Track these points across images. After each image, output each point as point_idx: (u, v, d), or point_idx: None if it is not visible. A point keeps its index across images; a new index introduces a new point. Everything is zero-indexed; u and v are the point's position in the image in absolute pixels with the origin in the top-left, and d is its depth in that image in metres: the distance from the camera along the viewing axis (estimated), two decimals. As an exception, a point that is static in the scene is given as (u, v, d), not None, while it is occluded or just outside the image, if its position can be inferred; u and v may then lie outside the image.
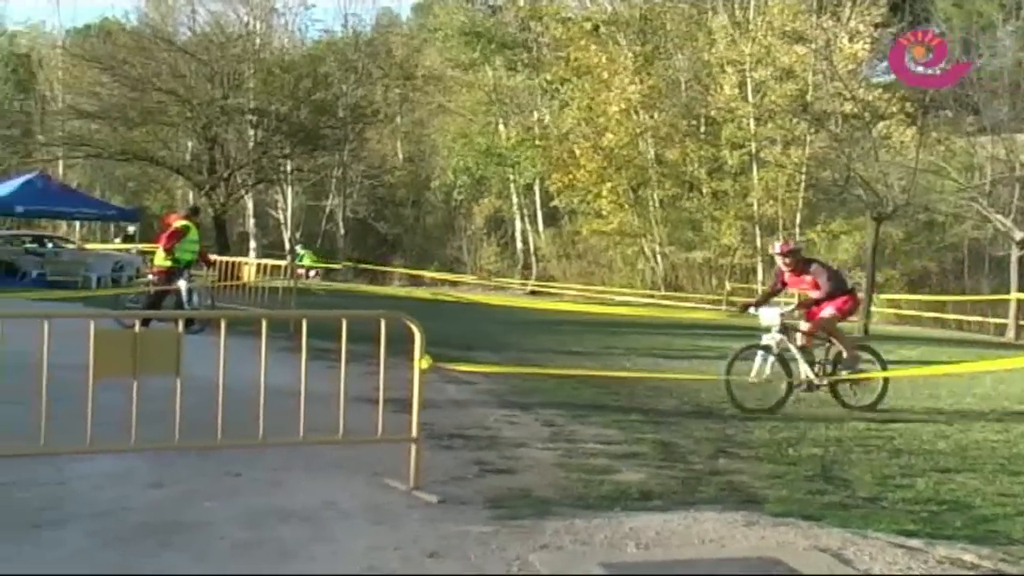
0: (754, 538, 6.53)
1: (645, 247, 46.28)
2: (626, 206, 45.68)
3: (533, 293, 43.89)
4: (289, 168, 48.84)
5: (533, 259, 51.52)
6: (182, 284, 17.91)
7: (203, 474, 7.64)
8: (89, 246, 42.56)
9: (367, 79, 51.46)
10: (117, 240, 41.54)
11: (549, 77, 48.16)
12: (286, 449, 7.93)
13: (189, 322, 9.25)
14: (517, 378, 13.18)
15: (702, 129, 46.02)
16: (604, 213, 45.51)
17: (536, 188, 51.31)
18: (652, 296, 41.67)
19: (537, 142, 48.91)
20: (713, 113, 44.64)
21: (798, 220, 43.13)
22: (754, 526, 6.77)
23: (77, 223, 53.38)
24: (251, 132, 45.45)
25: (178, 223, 18.36)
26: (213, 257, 21.73)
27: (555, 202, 48.34)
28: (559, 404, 11.80)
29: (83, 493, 7.15)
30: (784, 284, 13.36)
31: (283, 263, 27.40)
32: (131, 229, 40.38)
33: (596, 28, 45.97)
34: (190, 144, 47.27)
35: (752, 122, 43.18)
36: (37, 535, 6.21)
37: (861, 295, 21.34)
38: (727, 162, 44.12)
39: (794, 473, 8.63)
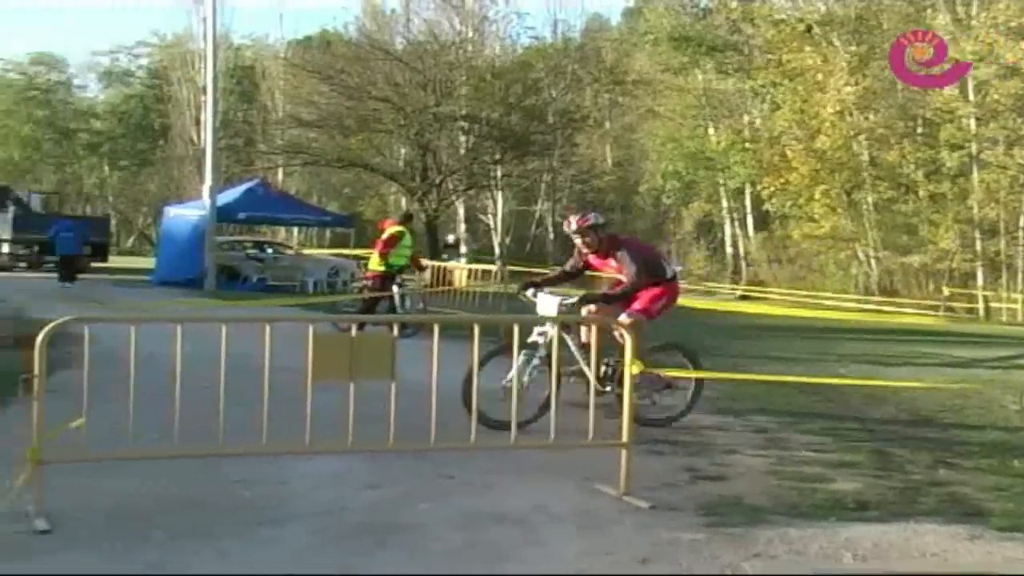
0: (979, 553, 6.29)
1: (858, 251, 45.22)
2: (839, 209, 44.72)
3: (743, 297, 43.34)
4: (499, 174, 49.29)
5: (743, 263, 50.91)
6: (395, 289, 18.25)
7: (418, 476, 7.76)
8: (306, 251, 43.89)
9: (576, 84, 51.59)
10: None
11: (760, 80, 47.50)
12: (498, 452, 7.99)
13: (403, 326, 9.40)
14: (727, 383, 12.97)
15: (919, 130, 44.69)
16: (816, 217, 44.64)
17: (746, 192, 50.68)
18: (866, 301, 40.64)
19: (747, 145, 48.32)
20: (930, 114, 43.31)
21: (1021, 223, 41.54)
22: (978, 540, 6.53)
23: (295, 229, 55.02)
24: (462, 138, 46.08)
25: (393, 229, 18.71)
26: (425, 262, 22.09)
27: (766, 206, 47.64)
28: (771, 410, 11.59)
29: (303, 492, 7.35)
30: (588, 265, 10.89)
31: (493, 267, 27.69)
32: (450, 238, 41.40)
33: (809, 29, 45.10)
34: (403, 151, 48.17)
35: (973, 122, 41.73)
36: (260, 532, 6.40)
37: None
38: (945, 164, 42.70)
39: (1021, 486, 8.27)
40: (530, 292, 10.72)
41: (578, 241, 10.59)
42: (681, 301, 12.29)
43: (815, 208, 44.45)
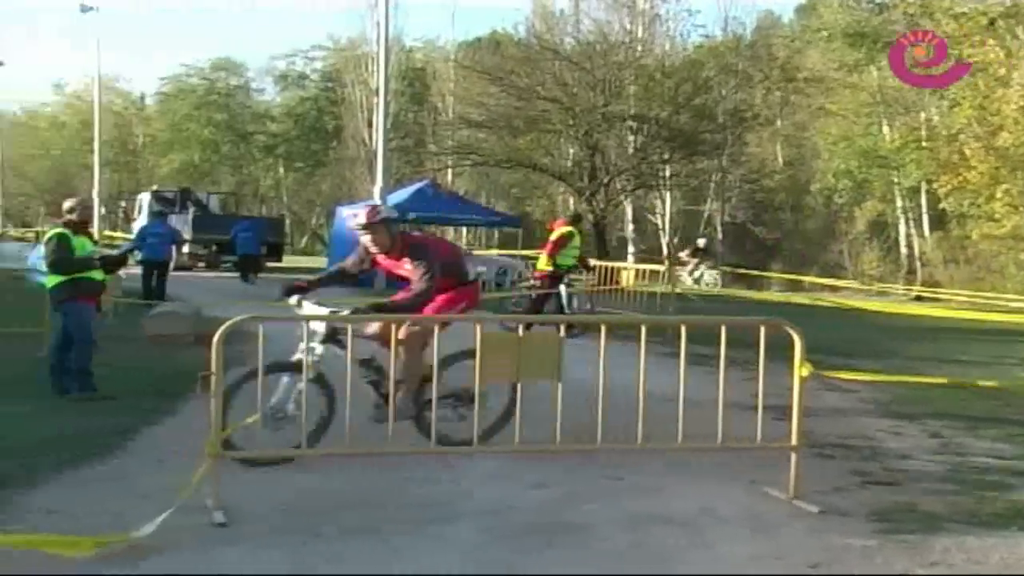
0: None
1: (1042, 252, 43.62)
2: (1022, 209, 43.20)
3: (918, 298, 42.24)
4: (667, 173, 48.95)
5: (917, 264, 49.60)
6: (562, 288, 18.31)
7: (584, 477, 7.77)
8: (475, 251, 44.27)
9: (747, 82, 50.94)
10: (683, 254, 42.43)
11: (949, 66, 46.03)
12: (664, 454, 7.95)
13: (569, 326, 9.42)
14: (901, 387, 12.67)
15: (1109, 126, 42.86)
16: (997, 216, 43.20)
17: (922, 191, 49.38)
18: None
19: (924, 143, 47.05)
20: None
21: None
22: None
23: (464, 229, 55.54)
24: (631, 138, 45.84)
25: (562, 229, 18.80)
26: (592, 262, 22.08)
27: (942, 205, 46.30)
28: (946, 415, 11.26)
29: (472, 491, 7.42)
30: (375, 266, 9.33)
31: (661, 268, 27.53)
32: (701, 242, 41.63)
33: (992, 22, 43.65)
34: (572, 151, 48.14)
35: None
36: (430, 530, 6.50)
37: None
38: None
39: None
40: (293, 299, 8.83)
41: (366, 239, 8.99)
42: (853, 303, 12.03)
43: (996, 207, 43.01)
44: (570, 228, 18.88)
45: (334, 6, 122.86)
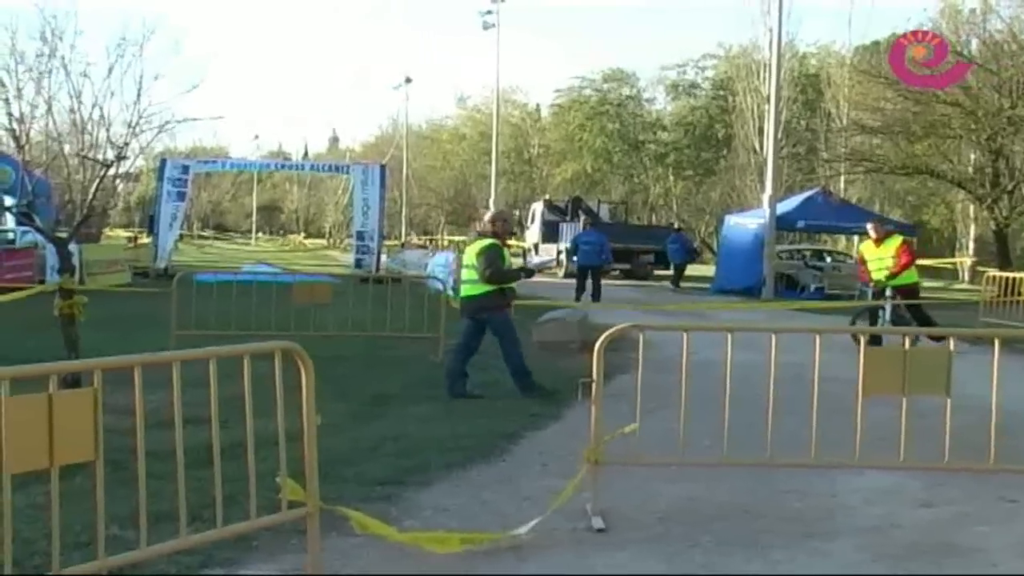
0: None
1: None
2: None
3: None
4: (1084, 179, 45.99)
5: None
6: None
7: (975, 497, 7.40)
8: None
9: None
10: None
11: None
12: (1066, 478, 7.45)
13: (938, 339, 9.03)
14: None
15: None
16: None
17: None
18: None
19: None
20: None
21: None
22: None
23: (855, 238, 54.17)
24: (1040, 142, 43.40)
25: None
26: (992, 272, 20.95)
27: None
28: None
29: (854, 507, 7.22)
30: None
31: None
32: None
33: None
34: (973, 156, 46.09)
35: None
36: (809, 544, 6.36)
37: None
38: None
39: None
40: None
41: None
42: None
43: None
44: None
45: (726, 15, 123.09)
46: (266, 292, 15.66)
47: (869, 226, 18.20)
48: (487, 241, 11.74)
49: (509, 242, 12.75)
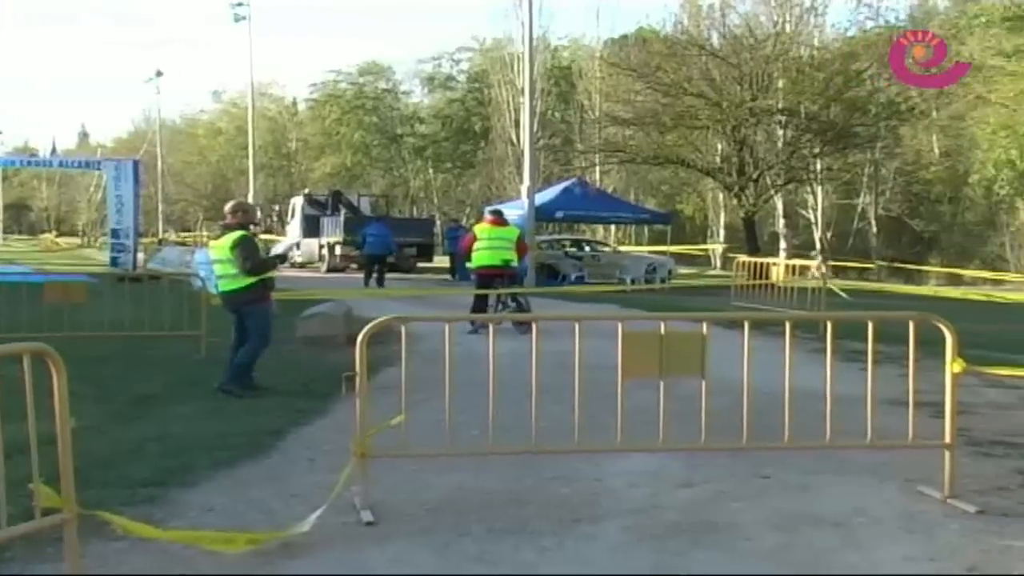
0: None
1: None
2: None
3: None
4: (819, 167, 48.18)
5: (1087, 255, 48.01)
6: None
7: (732, 475, 7.68)
8: (623, 249, 44.15)
9: (903, 74, 49.67)
10: None
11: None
12: (815, 452, 7.80)
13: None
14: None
15: None
16: None
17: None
18: None
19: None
20: None
21: None
22: None
23: (612, 226, 55.45)
24: (780, 132, 45.24)
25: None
26: (742, 258, 21.77)
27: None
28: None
29: (618, 490, 7.39)
30: None
31: (813, 263, 27.02)
32: None
33: None
34: (720, 146, 47.72)
35: None
36: (577, 529, 6.48)
37: None
38: None
39: None
40: None
41: None
42: (1015, 296, 11.63)
43: None
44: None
45: (478, 8, 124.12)
46: (16, 294, 15.05)
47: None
48: (239, 233, 11.45)
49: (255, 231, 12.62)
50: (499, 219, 18.70)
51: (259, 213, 33.23)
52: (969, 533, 6.40)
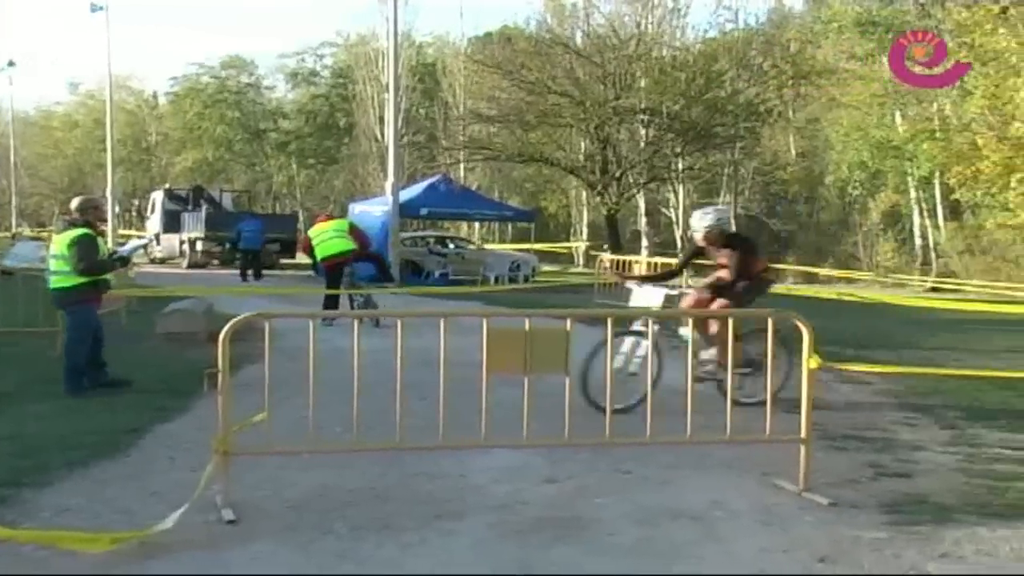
0: None
1: (1058, 241, 43.42)
2: (1036, 198, 42.91)
3: (934, 290, 42.09)
4: (680, 166, 48.84)
5: (933, 255, 49.43)
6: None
7: (594, 471, 7.77)
8: (488, 246, 44.28)
9: (760, 75, 50.67)
10: None
11: (951, 65, 45.77)
12: (675, 447, 7.93)
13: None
14: (915, 378, 12.61)
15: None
16: (1011, 206, 42.97)
17: (935, 181, 49.16)
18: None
19: (936, 134, 46.81)
20: None
21: None
22: None
23: (476, 224, 55.57)
24: (643, 131, 45.74)
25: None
26: (606, 255, 22.00)
27: (956, 195, 46.10)
28: (961, 406, 11.17)
29: (482, 486, 7.42)
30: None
31: (674, 261, 27.34)
32: None
33: (1005, 11, 43.32)
34: (583, 145, 48.10)
35: None
36: (440, 525, 6.48)
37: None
38: None
39: None
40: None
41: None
42: (869, 295, 12.03)
43: (1010, 197, 42.79)
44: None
45: (343, 3, 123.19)
46: None
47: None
48: (78, 231, 11.14)
49: (103, 229, 12.37)
50: (327, 216, 20.82)
51: (117, 207, 32.75)
52: (822, 525, 6.57)
